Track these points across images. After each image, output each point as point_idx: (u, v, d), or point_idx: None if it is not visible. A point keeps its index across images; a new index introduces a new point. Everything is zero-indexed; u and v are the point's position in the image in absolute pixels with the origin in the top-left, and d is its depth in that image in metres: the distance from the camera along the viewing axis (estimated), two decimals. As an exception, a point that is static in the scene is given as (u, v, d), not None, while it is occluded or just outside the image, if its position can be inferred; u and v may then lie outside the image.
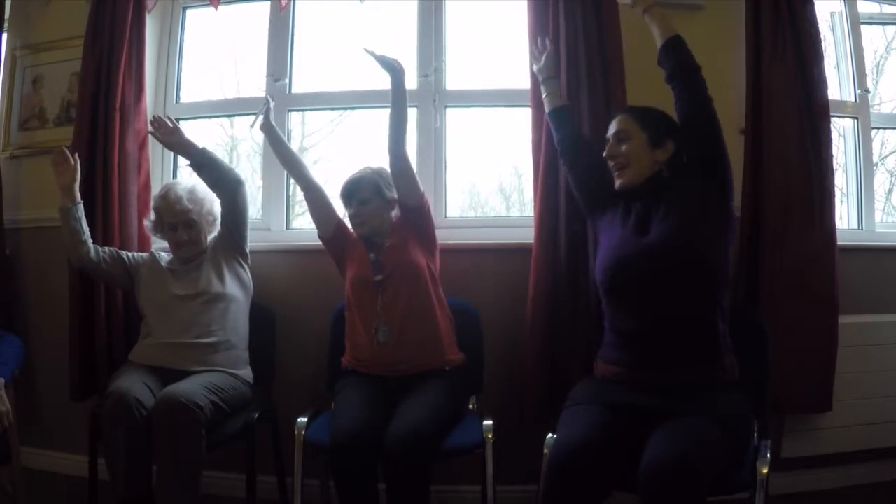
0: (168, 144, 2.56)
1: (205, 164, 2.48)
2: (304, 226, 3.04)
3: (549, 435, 1.99)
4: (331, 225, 2.49)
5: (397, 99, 2.30)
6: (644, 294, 1.94)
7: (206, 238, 2.59)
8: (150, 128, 2.56)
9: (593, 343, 2.27)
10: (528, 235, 2.57)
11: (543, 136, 2.50)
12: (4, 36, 3.26)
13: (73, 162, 2.57)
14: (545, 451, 1.95)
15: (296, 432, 2.21)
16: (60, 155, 2.58)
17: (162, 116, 2.55)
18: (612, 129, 2.10)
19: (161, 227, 2.61)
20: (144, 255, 2.69)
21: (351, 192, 2.40)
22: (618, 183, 2.07)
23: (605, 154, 2.10)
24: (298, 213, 3.12)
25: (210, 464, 2.52)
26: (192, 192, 2.56)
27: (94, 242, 2.60)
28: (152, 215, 2.65)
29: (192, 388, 2.20)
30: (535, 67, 2.44)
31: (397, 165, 2.32)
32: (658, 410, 1.83)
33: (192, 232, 2.55)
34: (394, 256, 2.36)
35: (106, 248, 2.62)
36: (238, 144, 3.28)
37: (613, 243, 2.04)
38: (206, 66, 3.20)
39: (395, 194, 2.40)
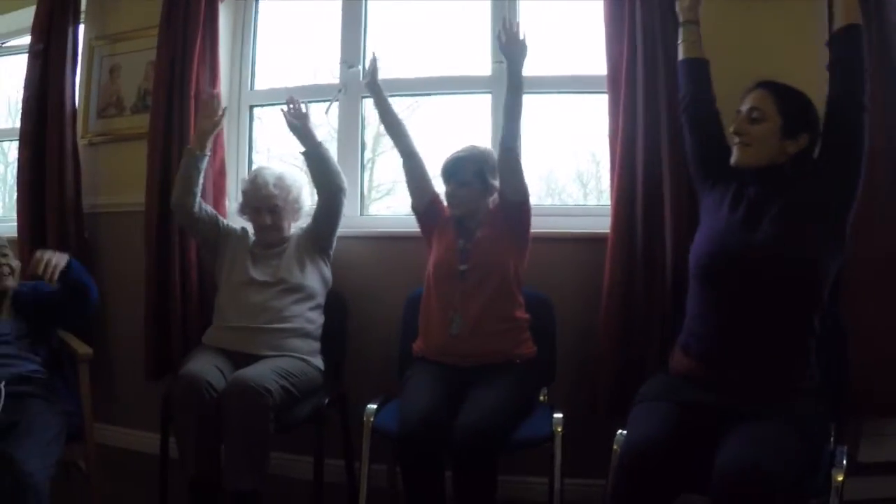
0: (292, 126, 2.56)
1: (316, 158, 2.53)
2: (378, 212, 3.07)
3: (619, 431, 1.96)
4: (425, 198, 2.49)
5: (512, 87, 2.25)
6: (738, 292, 1.84)
7: (289, 226, 2.65)
8: (284, 105, 2.59)
9: (667, 337, 2.23)
10: (604, 224, 2.53)
11: (620, 123, 2.45)
12: (82, 27, 3.39)
13: (220, 113, 2.63)
14: (615, 447, 1.93)
15: (364, 419, 2.24)
16: (213, 100, 2.66)
17: (297, 99, 2.59)
18: (747, 103, 1.92)
19: (246, 210, 2.67)
20: (237, 227, 2.74)
21: (452, 171, 2.38)
22: (734, 158, 1.93)
23: (732, 129, 1.95)
24: (375, 198, 3.16)
25: (279, 446, 2.60)
26: (280, 178, 2.61)
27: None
28: (240, 197, 2.72)
29: (263, 372, 2.24)
30: (676, 6, 2.21)
31: (505, 157, 2.29)
32: (732, 412, 1.78)
33: (276, 217, 2.60)
34: (482, 250, 2.34)
35: (208, 208, 2.70)
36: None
37: (717, 228, 1.93)
38: (279, 53, 3.26)
39: (496, 182, 2.38)
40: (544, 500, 2.22)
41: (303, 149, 2.56)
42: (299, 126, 2.55)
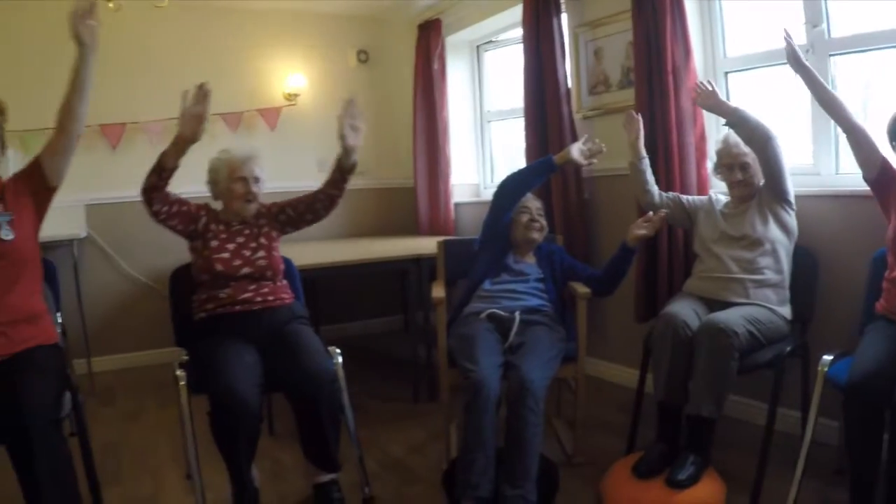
0: (705, 106, 3.14)
1: (737, 123, 3.00)
2: (853, 170, 3.26)
3: None
4: (875, 166, 2.62)
5: None
6: None
7: (758, 181, 3.11)
8: (692, 94, 3.18)
9: None
10: None
11: None
12: (564, 17, 4.36)
13: (636, 123, 3.36)
14: None
15: (819, 368, 2.52)
16: (628, 116, 3.40)
17: (703, 82, 3.13)
18: None
19: (719, 168, 3.22)
20: (703, 197, 3.35)
21: None
22: None
23: None
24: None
25: (739, 390, 3.19)
26: None
27: (658, 188, 3.37)
28: (714, 157, 3.28)
29: (732, 317, 2.74)
30: None
31: None
32: None
33: (746, 174, 3.10)
34: None
35: (670, 193, 3.37)
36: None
37: None
38: (749, 17, 3.67)
39: None
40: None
41: (724, 121, 3.05)
42: (711, 104, 3.07)
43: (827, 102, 2.73)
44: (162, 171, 2.74)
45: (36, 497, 2.18)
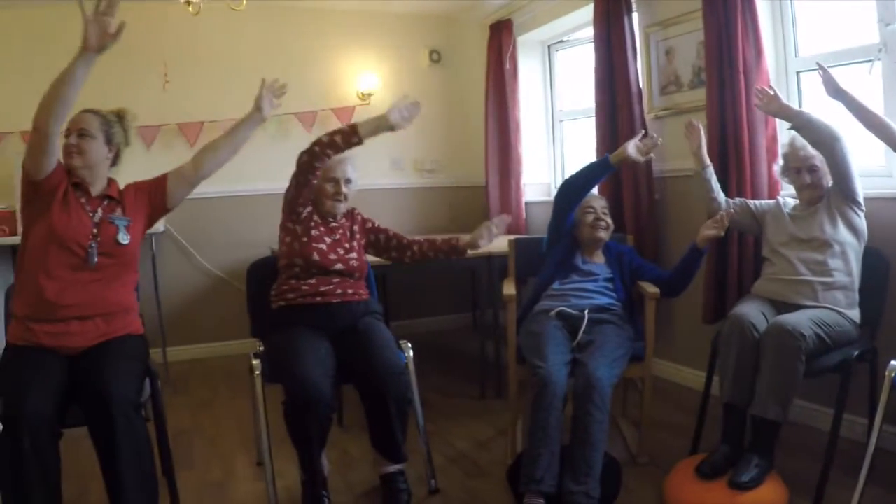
0: (768, 111, 3.16)
1: (802, 126, 3.02)
2: None
3: None
4: None
5: None
6: None
7: (826, 183, 3.12)
8: (756, 100, 3.19)
9: None
10: None
11: None
12: (635, 16, 4.41)
13: (697, 131, 3.39)
14: None
15: (887, 373, 2.45)
16: (688, 125, 3.44)
17: (765, 88, 3.14)
18: None
19: (787, 171, 3.25)
20: (770, 202, 3.36)
21: None
22: None
23: None
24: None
25: (805, 395, 3.19)
26: None
27: (724, 195, 3.40)
28: (781, 160, 3.31)
29: (800, 319, 2.76)
30: None
31: None
32: None
33: (814, 176, 3.12)
34: None
35: (737, 200, 3.40)
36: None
37: None
38: (820, 16, 3.67)
39: None
40: None
41: (788, 125, 3.07)
42: (774, 109, 3.08)
43: (873, 125, 2.81)
44: (351, 137, 2.96)
45: (115, 476, 2.33)
